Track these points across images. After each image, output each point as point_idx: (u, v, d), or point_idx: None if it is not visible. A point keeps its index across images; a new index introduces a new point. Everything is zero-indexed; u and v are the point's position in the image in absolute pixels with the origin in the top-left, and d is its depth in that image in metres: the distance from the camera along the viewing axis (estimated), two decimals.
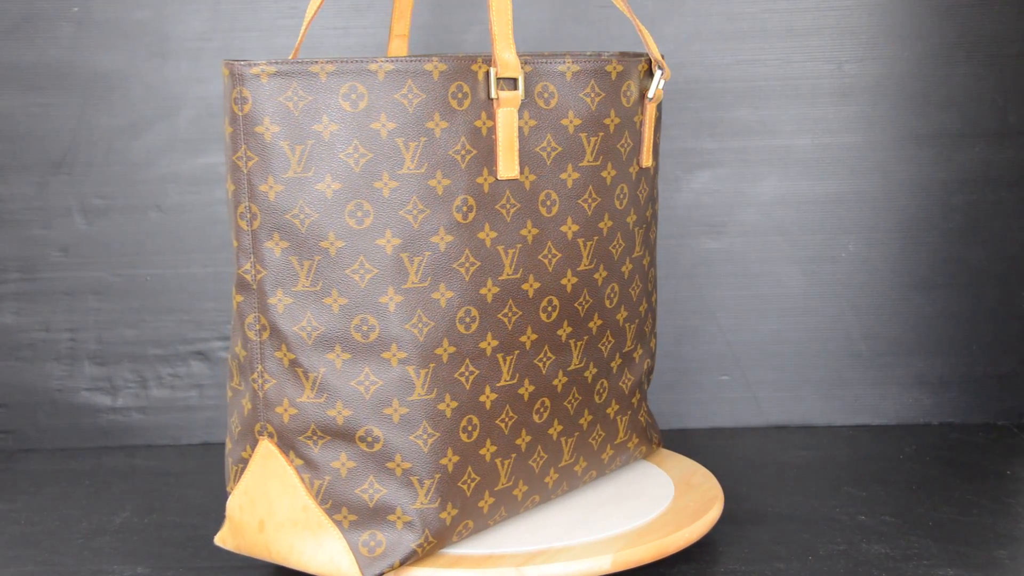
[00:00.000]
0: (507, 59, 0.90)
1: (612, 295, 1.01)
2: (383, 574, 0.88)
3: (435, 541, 0.90)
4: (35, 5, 1.26)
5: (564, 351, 0.98)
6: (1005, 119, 1.28)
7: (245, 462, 0.92)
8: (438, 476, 0.89)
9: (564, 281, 0.96)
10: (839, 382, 1.32)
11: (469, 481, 0.91)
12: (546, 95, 0.94)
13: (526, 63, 0.92)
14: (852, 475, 1.18)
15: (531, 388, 0.95)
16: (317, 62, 0.85)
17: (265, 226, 0.86)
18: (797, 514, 1.08)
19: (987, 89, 1.28)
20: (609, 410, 1.04)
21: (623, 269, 1.02)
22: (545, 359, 0.96)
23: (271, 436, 0.89)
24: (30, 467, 1.26)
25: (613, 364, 1.03)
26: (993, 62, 1.28)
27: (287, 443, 0.89)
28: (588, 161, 0.97)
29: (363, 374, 0.88)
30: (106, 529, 1.09)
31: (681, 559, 0.99)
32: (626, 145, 1.00)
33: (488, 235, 0.91)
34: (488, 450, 0.93)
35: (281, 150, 0.85)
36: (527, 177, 0.93)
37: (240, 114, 0.85)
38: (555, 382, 0.97)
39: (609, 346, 1.02)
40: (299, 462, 0.89)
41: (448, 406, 0.90)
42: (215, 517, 1.10)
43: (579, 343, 0.99)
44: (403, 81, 0.86)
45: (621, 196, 1.00)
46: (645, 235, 1.05)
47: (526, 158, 0.93)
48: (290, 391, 0.88)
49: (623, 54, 1.00)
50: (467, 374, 0.91)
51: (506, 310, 0.93)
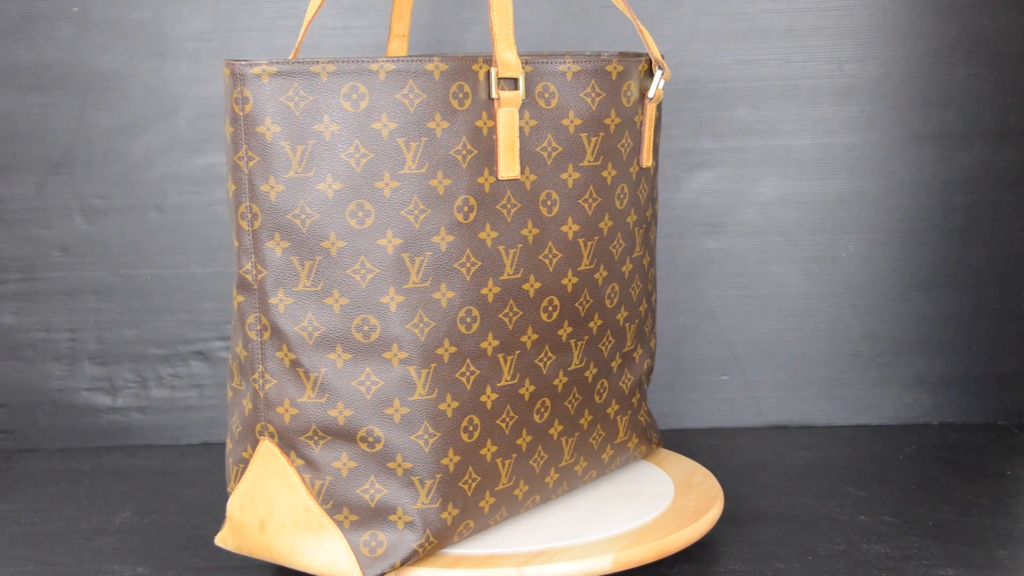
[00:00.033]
0: (508, 59, 0.90)
1: (612, 295, 1.01)
2: (384, 574, 0.88)
3: (436, 541, 0.90)
4: (35, 5, 1.26)
5: (565, 351, 0.98)
6: (1005, 119, 1.28)
7: (246, 462, 0.91)
8: (439, 476, 0.89)
9: (565, 281, 0.96)
10: (839, 382, 1.32)
11: (470, 481, 0.91)
12: (547, 95, 0.94)
13: (527, 63, 0.92)
14: (852, 475, 1.18)
15: (532, 388, 0.95)
16: (318, 62, 0.85)
17: (266, 226, 0.86)
18: (797, 514, 1.08)
19: (987, 89, 1.28)
20: (609, 410, 1.04)
21: (623, 269, 1.02)
22: (546, 359, 0.96)
23: (272, 436, 0.89)
24: (30, 467, 1.26)
25: (613, 364, 1.03)
26: (993, 62, 1.28)
27: (288, 443, 0.89)
28: (589, 161, 0.97)
29: (364, 374, 0.88)
30: (106, 529, 1.09)
31: (681, 559, 0.99)
32: (626, 145, 1.00)
33: (489, 235, 0.91)
34: (489, 450, 0.93)
35: (282, 150, 0.85)
36: (528, 177, 0.93)
37: (241, 114, 0.85)
38: (556, 382, 0.97)
39: (609, 346, 1.02)
40: (300, 462, 0.89)
41: (449, 406, 0.90)
42: (215, 517, 1.10)
43: (579, 343, 0.99)
44: (404, 81, 0.86)
45: (621, 196, 1.00)
46: (645, 235, 1.05)
47: (527, 158, 0.93)
48: (291, 391, 0.88)
49: (623, 54, 1.00)
50: (468, 374, 0.91)
51: (507, 310, 0.93)
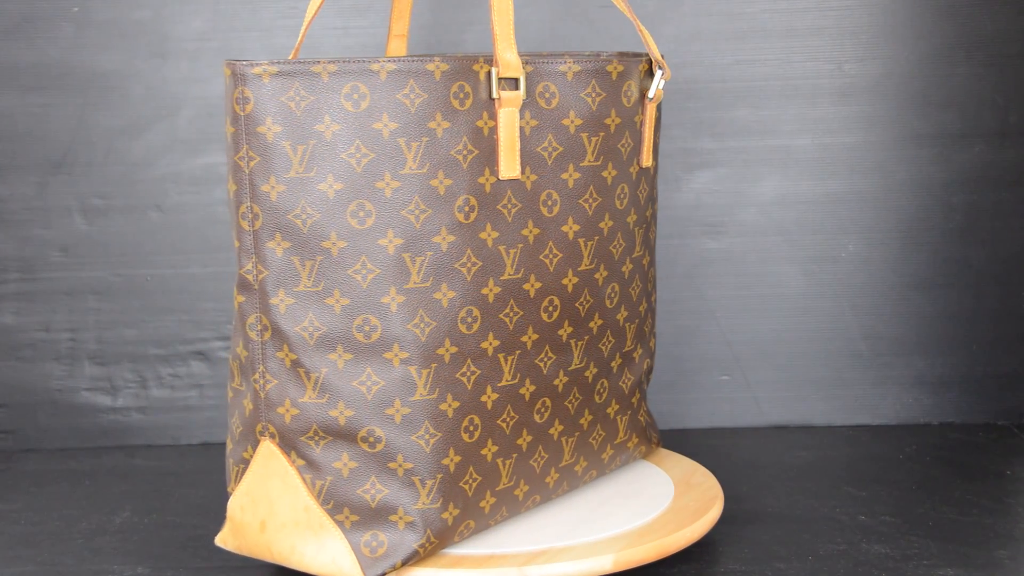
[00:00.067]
0: (509, 59, 0.90)
1: (612, 295, 1.01)
2: (385, 574, 0.88)
3: (437, 541, 0.90)
4: (35, 5, 1.26)
5: (565, 351, 0.98)
6: (1005, 119, 1.28)
7: (246, 462, 0.91)
8: (440, 476, 0.89)
9: (565, 281, 0.96)
10: (839, 382, 1.32)
11: (471, 481, 0.91)
12: (547, 95, 0.94)
13: (527, 63, 0.92)
14: (852, 475, 1.18)
15: (532, 388, 0.95)
16: (319, 62, 0.85)
17: (267, 226, 0.86)
18: (797, 514, 1.08)
19: (987, 89, 1.28)
20: (609, 410, 1.04)
21: (623, 269, 1.02)
22: (546, 359, 0.96)
23: (273, 436, 0.89)
24: (30, 467, 1.26)
25: (613, 364, 1.03)
26: (993, 62, 1.28)
27: (289, 443, 0.89)
28: (589, 161, 0.97)
29: (365, 374, 0.87)
30: (106, 529, 1.09)
31: (681, 559, 0.99)
32: (627, 145, 1.00)
33: (490, 235, 0.91)
34: (489, 450, 0.93)
35: (283, 150, 0.85)
36: (528, 177, 0.93)
37: (242, 114, 0.85)
38: (556, 382, 0.97)
39: (609, 346, 1.02)
40: (301, 462, 0.89)
41: (450, 406, 0.90)
42: (215, 517, 1.10)
43: (580, 343, 0.99)
44: (405, 81, 0.86)
45: (622, 196, 1.00)
46: (645, 235, 1.05)
47: (527, 158, 0.93)
48: (292, 391, 0.88)
49: (622, 54, 1.00)
50: (469, 374, 0.91)
51: (507, 310, 0.93)
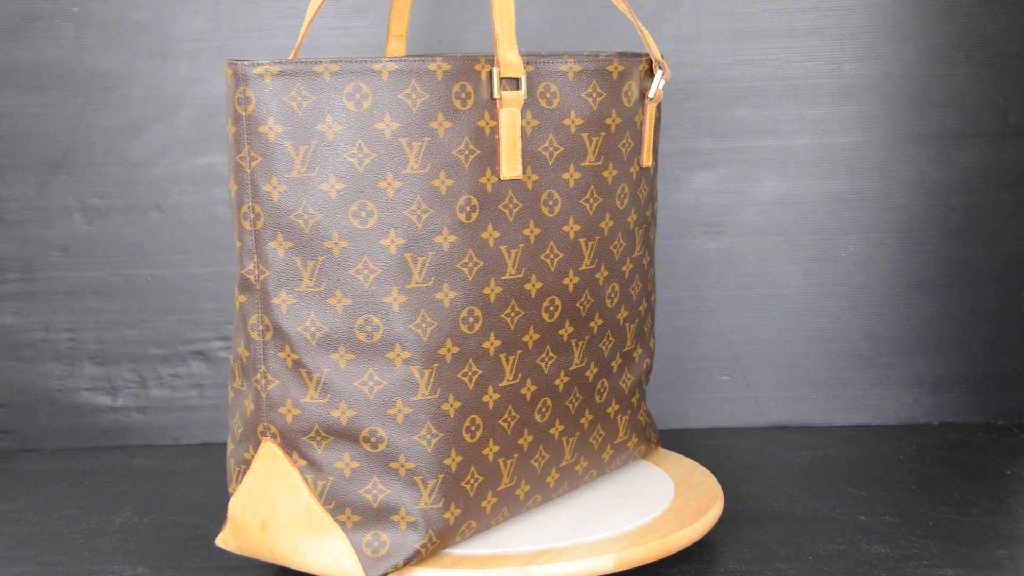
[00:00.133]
0: (510, 59, 0.90)
1: (613, 295, 1.01)
2: (387, 574, 0.88)
3: (439, 541, 0.90)
4: (35, 5, 1.26)
5: (566, 351, 0.98)
6: (1005, 119, 1.28)
7: (248, 463, 0.91)
8: (442, 476, 0.89)
9: (566, 281, 0.96)
10: (839, 382, 1.33)
11: (472, 481, 0.91)
12: (548, 95, 0.94)
13: (528, 63, 0.92)
14: (852, 475, 1.18)
15: (533, 388, 0.95)
16: (321, 62, 0.85)
17: (269, 226, 0.86)
18: (797, 514, 1.08)
19: (987, 89, 1.28)
20: (609, 410, 1.04)
21: (623, 269, 1.02)
22: (547, 359, 0.96)
23: (274, 437, 0.89)
24: (30, 467, 1.26)
25: (613, 364, 1.03)
26: (993, 62, 1.28)
27: (290, 444, 0.89)
28: (590, 161, 0.97)
29: (367, 374, 0.87)
30: (106, 529, 1.09)
31: (681, 559, 0.99)
32: (627, 145, 1.00)
33: (491, 235, 0.91)
34: (491, 450, 0.93)
35: (285, 150, 0.85)
36: (529, 177, 0.93)
37: (244, 114, 0.85)
38: (557, 382, 0.97)
39: (610, 346, 1.02)
40: (302, 463, 0.89)
41: (451, 406, 0.90)
42: (215, 517, 1.10)
43: (580, 343, 0.99)
44: (407, 81, 0.86)
45: (622, 196, 1.00)
46: (645, 235, 1.05)
47: (528, 158, 0.93)
48: (293, 391, 0.88)
49: (622, 54, 1.00)
50: (470, 374, 0.91)
51: (509, 310, 0.93)
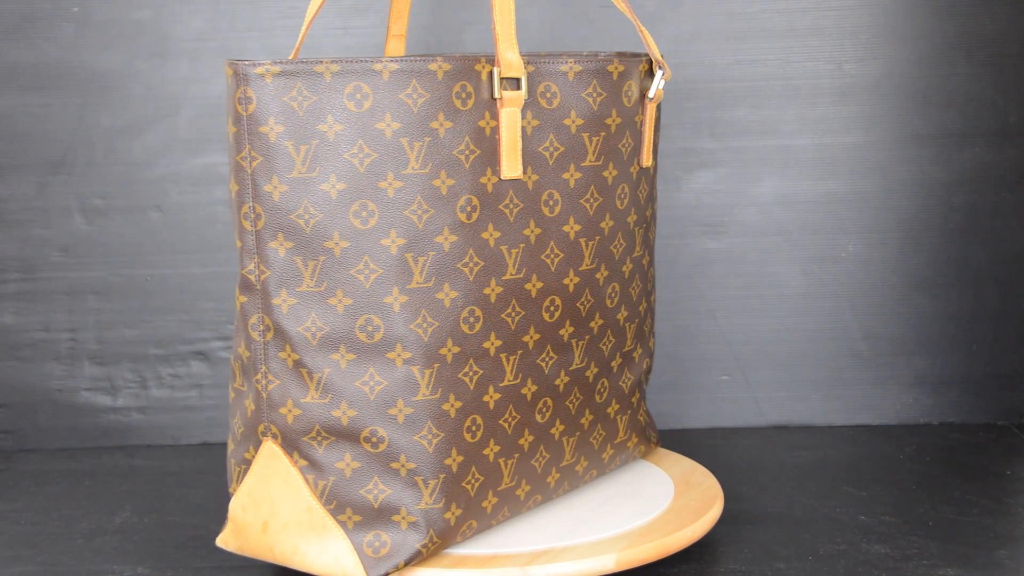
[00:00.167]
0: (511, 59, 0.90)
1: (613, 295, 1.01)
2: (388, 574, 0.88)
3: (439, 541, 0.90)
4: (35, 5, 1.26)
5: (566, 351, 0.98)
6: (1005, 119, 1.28)
7: (248, 463, 0.91)
8: (442, 476, 0.89)
9: (566, 281, 0.96)
10: (839, 382, 1.33)
11: (473, 481, 0.91)
12: (548, 95, 0.94)
13: (528, 63, 0.92)
14: (852, 475, 1.18)
15: (534, 388, 0.95)
16: (322, 62, 0.85)
17: (269, 226, 0.86)
18: (797, 514, 1.08)
19: (987, 89, 1.28)
20: (609, 410, 1.04)
21: (624, 269, 1.02)
22: (547, 359, 0.96)
23: (275, 437, 0.89)
24: (30, 467, 1.26)
25: (614, 364, 1.03)
26: (993, 62, 1.28)
27: (291, 444, 0.89)
28: (590, 161, 0.97)
29: (368, 374, 0.87)
30: (106, 529, 1.09)
31: (681, 559, 0.99)
32: (627, 145, 1.00)
33: (492, 235, 0.91)
34: (491, 450, 0.93)
35: (285, 150, 0.85)
36: (530, 177, 0.93)
37: (244, 114, 0.85)
38: (557, 382, 0.97)
39: (610, 346, 1.02)
40: (303, 463, 0.89)
41: (452, 406, 0.90)
42: (215, 517, 1.10)
43: (581, 343, 0.99)
44: (408, 81, 0.86)
45: (622, 196, 1.00)
46: (645, 235, 1.05)
47: (529, 158, 0.93)
48: (294, 392, 0.88)
49: (622, 54, 1.00)
50: (471, 374, 0.91)
51: (509, 310, 0.93)
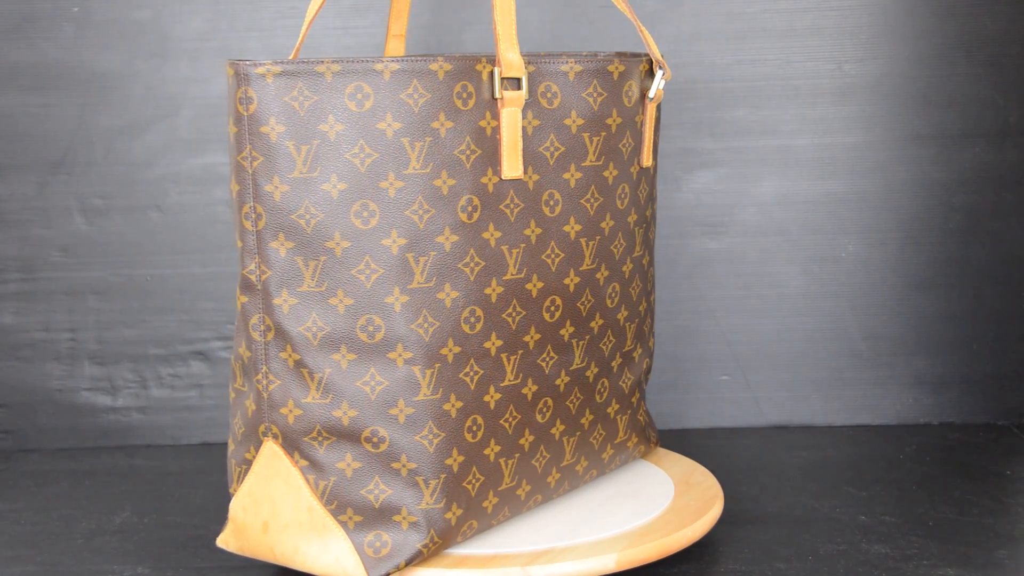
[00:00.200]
0: (511, 59, 0.90)
1: (613, 295, 1.01)
2: (389, 574, 0.88)
3: (440, 541, 0.90)
4: (35, 5, 1.25)
5: (567, 351, 0.98)
6: (1005, 119, 1.28)
7: (249, 463, 0.91)
8: (443, 476, 0.89)
9: (567, 281, 0.96)
10: (839, 382, 1.33)
11: (474, 481, 0.91)
12: (549, 95, 0.94)
13: (529, 63, 0.92)
14: (852, 475, 1.18)
15: (534, 388, 0.95)
16: (323, 62, 0.84)
17: (270, 226, 0.86)
18: (797, 514, 1.08)
19: (987, 89, 1.28)
20: (609, 409, 1.04)
21: (624, 269, 1.02)
22: (548, 359, 0.96)
23: (276, 437, 0.89)
24: (30, 467, 1.26)
25: (614, 364, 1.03)
26: (993, 62, 1.28)
27: (292, 444, 0.89)
28: (590, 161, 0.97)
29: (369, 374, 0.87)
30: (106, 529, 1.09)
31: (681, 559, 0.99)
32: (627, 145, 1.00)
33: (493, 235, 0.91)
34: (492, 450, 0.93)
35: (287, 150, 0.85)
36: (531, 177, 0.93)
37: (245, 114, 0.85)
38: (557, 382, 0.97)
39: (610, 346, 1.02)
40: (304, 463, 0.89)
41: (453, 406, 0.90)
42: (215, 517, 1.10)
43: (581, 343, 0.99)
44: (408, 81, 0.86)
45: (623, 196, 1.00)
46: (645, 235, 1.05)
47: (530, 158, 0.93)
48: (295, 392, 0.88)
49: (622, 54, 1.00)
50: (472, 374, 0.91)
51: (510, 310, 0.93)
